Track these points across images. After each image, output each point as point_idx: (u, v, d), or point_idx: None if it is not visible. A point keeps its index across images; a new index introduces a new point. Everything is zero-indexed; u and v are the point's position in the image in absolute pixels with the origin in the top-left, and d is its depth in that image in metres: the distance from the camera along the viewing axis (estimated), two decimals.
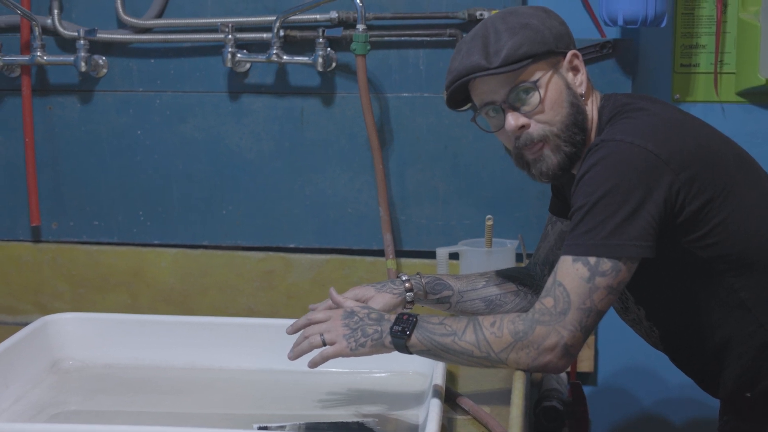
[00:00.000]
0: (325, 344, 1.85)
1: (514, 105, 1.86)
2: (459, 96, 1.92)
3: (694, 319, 1.89)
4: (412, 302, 2.05)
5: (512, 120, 1.86)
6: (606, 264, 1.75)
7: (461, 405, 1.91)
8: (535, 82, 1.84)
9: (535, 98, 1.85)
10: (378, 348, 1.84)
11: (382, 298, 2.00)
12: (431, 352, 1.82)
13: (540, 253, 2.15)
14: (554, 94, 1.86)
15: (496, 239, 2.44)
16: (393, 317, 1.83)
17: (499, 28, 1.85)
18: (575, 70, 1.89)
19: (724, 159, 1.85)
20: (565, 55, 1.88)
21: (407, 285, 2.03)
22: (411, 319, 1.82)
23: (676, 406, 2.72)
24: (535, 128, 1.86)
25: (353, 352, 1.84)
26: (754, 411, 1.92)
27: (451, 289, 2.08)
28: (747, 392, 1.90)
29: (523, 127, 1.86)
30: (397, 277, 2.06)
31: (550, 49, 1.85)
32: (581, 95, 1.89)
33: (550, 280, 1.79)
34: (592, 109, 1.91)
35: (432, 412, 1.72)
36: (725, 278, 1.84)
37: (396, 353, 1.85)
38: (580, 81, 1.89)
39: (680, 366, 2.01)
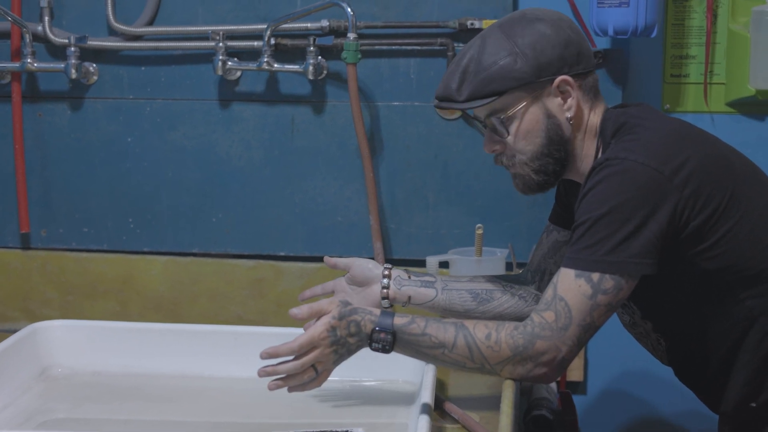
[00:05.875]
0: (317, 372, 1.86)
1: (490, 128, 1.92)
2: None
3: (701, 330, 1.88)
4: (390, 306, 2.07)
5: (486, 142, 1.94)
6: (609, 282, 1.76)
7: (450, 413, 1.91)
8: (502, 116, 1.88)
9: (502, 130, 1.89)
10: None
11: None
12: (416, 356, 1.85)
13: (533, 260, 2.15)
14: (528, 125, 1.89)
15: (486, 248, 2.44)
16: (369, 328, 1.83)
17: (482, 57, 1.86)
18: (565, 94, 1.89)
19: (729, 168, 1.85)
20: (552, 81, 1.88)
21: (384, 292, 2.07)
22: (387, 337, 1.82)
23: (667, 416, 2.72)
24: (506, 154, 1.93)
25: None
26: (757, 422, 1.91)
27: (433, 277, 2.11)
28: (752, 402, 1.90)
29: (495, 149, 1.93)
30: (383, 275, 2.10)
31: (527, 81, 1.86)
32: (570, 119, 1.90)
33: (549, 292, 1.79)
34: (589, 125, 1.92)
35: (421, 421, 1.72)
36: (731, 288, 1.84)
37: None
38: (569, 105, 1.90)
39: (685, 379, 2.00)
